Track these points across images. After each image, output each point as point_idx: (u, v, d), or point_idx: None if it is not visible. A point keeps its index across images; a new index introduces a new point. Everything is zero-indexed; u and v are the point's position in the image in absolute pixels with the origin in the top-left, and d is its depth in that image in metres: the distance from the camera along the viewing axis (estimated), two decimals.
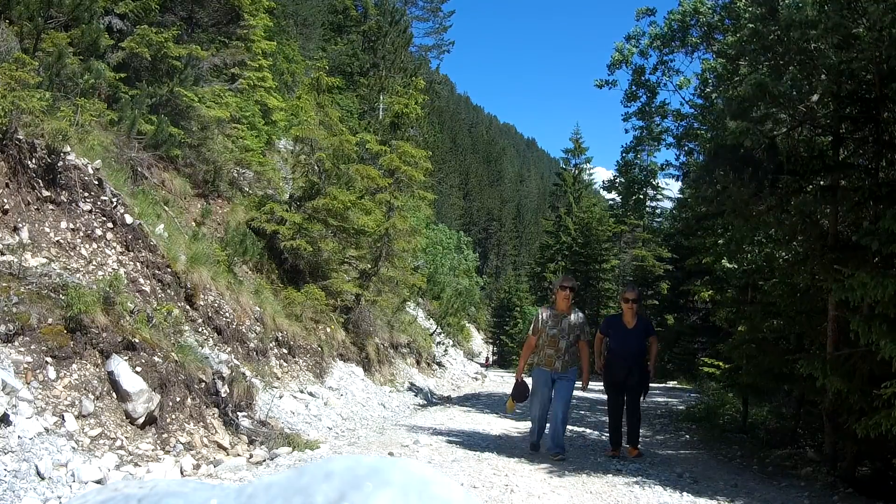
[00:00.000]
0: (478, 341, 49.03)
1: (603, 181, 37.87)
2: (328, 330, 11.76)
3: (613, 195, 38.06)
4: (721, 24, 14.75)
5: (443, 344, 22.87)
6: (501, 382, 22.15)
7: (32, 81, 6.19)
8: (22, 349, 4.79)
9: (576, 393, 7.13)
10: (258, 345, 9.01)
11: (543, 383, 6.65)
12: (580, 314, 6.84)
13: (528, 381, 7.09)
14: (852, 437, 5.78)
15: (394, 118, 15.56)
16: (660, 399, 14.39)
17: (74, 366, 5.02)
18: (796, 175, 6.85)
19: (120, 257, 6.69)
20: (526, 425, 9.66)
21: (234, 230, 10.35)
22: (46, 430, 4.46)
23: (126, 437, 5.02)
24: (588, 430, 9.17)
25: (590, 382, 7.48)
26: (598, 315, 37.76)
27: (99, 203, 6.70)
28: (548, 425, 6.83)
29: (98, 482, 4.29)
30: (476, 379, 21.89)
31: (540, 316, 6.78)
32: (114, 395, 5.17)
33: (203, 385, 6.31)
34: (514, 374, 7.10)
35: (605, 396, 7.43)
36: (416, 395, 13.21)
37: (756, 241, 8.93)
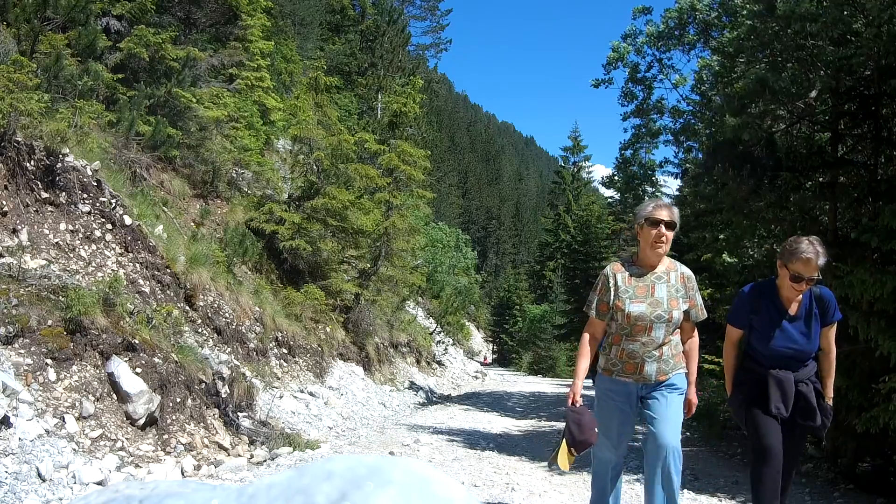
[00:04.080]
0: (477, 340, 49.05)
1: (602, 177, 37.98)
2: (328, 329, 11.76)
3: (612, 192, 38.15)
4: (718, 21, 14.78)
5: (442, 343, 22.90)
6: (501, 381, 22.17)
7: (30, 83, 6.18)
8: (22, 351, 4.78)
9: (567, 390, 3.69)
10: (258, 345, 9.01)
11: (619, 405, 3.57)
12: (685, 270, 3.60)
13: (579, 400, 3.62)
14: (852, 434, 5.79)
15: (392, 117, 15.57)
16: None
17: (74, 367, 5.02)
18: (795, 171, 6.86)
19: (119, 258, 6.69)
20: (529, 424, 9.67)
21: (233, 230, 10.35)
22: (47, 431, 4.46)
23: (127, 439, 5.02)
24: None
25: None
26: None
27: (98, 204, 6.69)
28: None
29: (99, 483, 4.29)
30: (476, 377, 21.91)
31: (610, 279, 3.53)
32: (114, 396, 5.16)
33: (203, 386, 6.31)
34: (569, 393, 3.54)
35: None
36: (416, 394, 13.22)
37: (757, 234, 8.93)
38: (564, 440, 3.47)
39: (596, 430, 3.44)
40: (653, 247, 3.48)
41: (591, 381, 3.68)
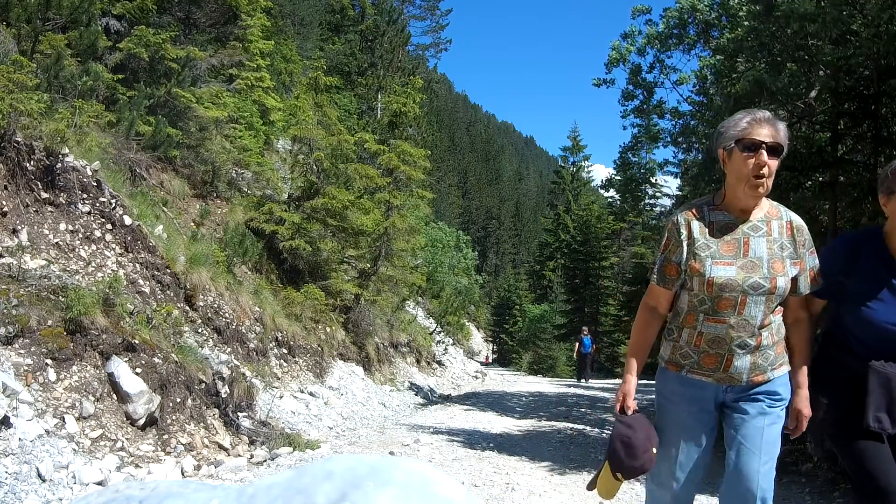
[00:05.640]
0: (477, 340, 49.07)
1: (602, 179, 38.05)
2: (328, 330, 11.77)
3: (612, 192, 38.21)
4: (718, 21, 14.78)
5: (442, 343, 22.89)
6: (501, 381, 22.17)
7: (31, 83, 6.18)
8: (22, 351, 4.79)
9: (570, 390, 3.02)
10: (258, 345, 9.01)
11: (690, 415, 2.48)
12: (794, 218, 2.45)
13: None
14: None
15: (392, 117, 15.58)
16: None
17: (74, 367, 5.02)
18: (795, 171, 6.88)
19: (119, 258, 6.69)
20: (529, 423, 9.67)
21: (232, 231, 10.35)
22: (47, 431, 4.46)
23: (127, 439, 5.02)
24: (588, 428, 9.18)
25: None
26: (596, 319, 37.79)
27: (98, 204, 6.70)
28: None
29: (99, 484, 4.29)
30: (476, 377, 21.90)
31: (682, 230, 2.41)
32: (114, 396, 5.17)
33: (203, 386, 6.31)
34: (617, 395, 2.52)
35: (608, 395, 2.30)
36: (416, 394, 13.22)
37: None
38: (608, 462, 2.48)
39: (654, 450, 2.41)
40: (749, 184, 2.30)
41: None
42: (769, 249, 2.35)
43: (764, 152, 2.29)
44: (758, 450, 2.34)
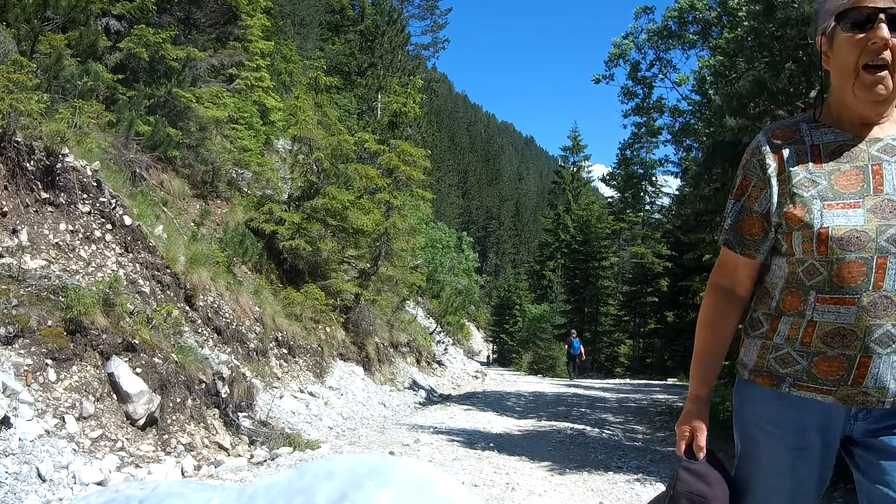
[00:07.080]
0: (478, 339, 49.07)
1: (603, 174, 38.09)
2: (328, 329, 11.77)
3: (612, 192, 38.27)
4: (718, 21, 14.80)
5: (443, 342, 22.89)
6: (501, 381, 22.18)
7: (30, 84, 6.18)
8: (22, 351, 4.79)
9: (570, 390, 2.74)
10: (258, 345, 9.01)
11: (795, 454, 1.52)
12: None
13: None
14: None
15: (392, 117, 15.58)
16: (660, 396, 14.42)
17: (74, 368, 5.02)
18: None
19: (119, 259, 6.69)
20: (529, 423, 9.68)
21: (232, 231, 10.35)
22: (47, 432, 4.46)
23: (127, 439, 5.02)
24: (588, 428, 9.18)
25: None
26: (596, 319, 37.78)
27: (98, 205, 6.70)
28: None
29: (99, 484, 4.29)
30: (476, 377, 21.91)
31: (768, 160, 1.56)
32: (114, 396, 5.17)
33: (203, 386, 6.31)
34: (679, 436, 1.63)
35: (608, 395, 2.12)
36: (416, 394, 13.22)
37: None
38: None
39: None
40: (859, 82, 1.44)
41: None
42: None
43: (884, 25, 1.40)
44: None
